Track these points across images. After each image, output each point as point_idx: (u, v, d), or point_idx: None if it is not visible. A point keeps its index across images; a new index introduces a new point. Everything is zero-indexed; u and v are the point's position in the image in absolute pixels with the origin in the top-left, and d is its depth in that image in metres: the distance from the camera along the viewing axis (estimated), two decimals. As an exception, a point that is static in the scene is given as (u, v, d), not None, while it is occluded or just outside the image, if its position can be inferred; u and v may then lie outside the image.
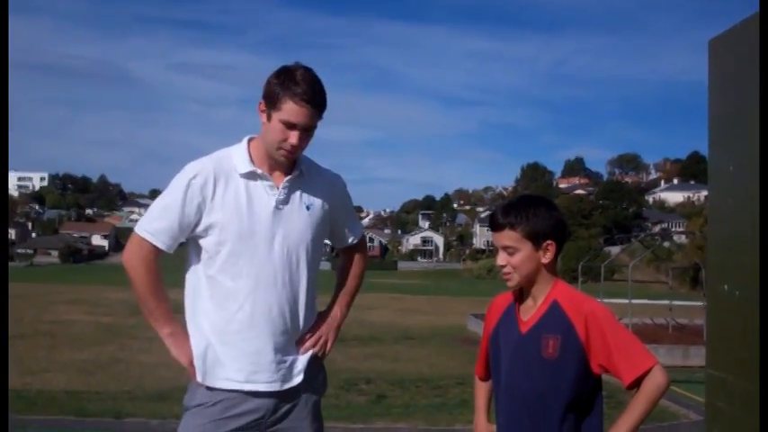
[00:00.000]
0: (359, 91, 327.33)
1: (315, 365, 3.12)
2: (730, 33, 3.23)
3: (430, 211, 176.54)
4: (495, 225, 2.77)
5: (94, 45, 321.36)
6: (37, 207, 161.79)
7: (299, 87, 2.84)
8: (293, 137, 2.87)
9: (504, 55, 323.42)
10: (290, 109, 2.84)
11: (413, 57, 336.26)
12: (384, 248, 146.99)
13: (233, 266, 2.93)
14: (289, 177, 3.01)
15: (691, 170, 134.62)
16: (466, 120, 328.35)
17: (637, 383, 2.60)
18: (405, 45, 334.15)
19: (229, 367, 2.93)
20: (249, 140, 3.06)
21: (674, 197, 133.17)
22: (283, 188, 2.99)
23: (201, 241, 2.95)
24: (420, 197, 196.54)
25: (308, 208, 3.06)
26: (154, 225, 2.93)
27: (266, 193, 2.97)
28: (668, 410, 10.86)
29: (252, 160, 2.98)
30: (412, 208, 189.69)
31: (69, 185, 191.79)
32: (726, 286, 3.25)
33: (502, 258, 2.75)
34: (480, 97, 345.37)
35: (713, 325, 3.53)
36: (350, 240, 3.30)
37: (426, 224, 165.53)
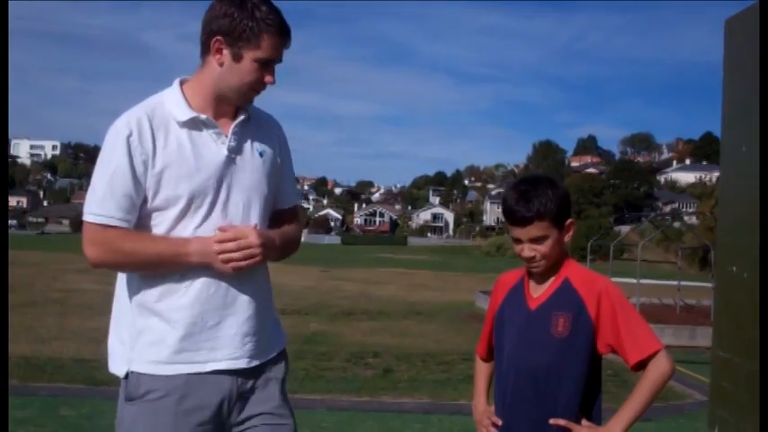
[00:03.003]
0: (372, 65, 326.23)
1: (277, 341, 2.78)
2: (746, 13, 3.20)
3: (441, 188, 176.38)
4: (521, 219, 2.65)
5: (108, 14, 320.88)
6: (49, 176, 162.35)
7: (274, 18, 2.53)
8: (270, 76, 2.58)
9: (519, 31, 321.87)
10: (271, 44, 2.53)
11: (427, 32, 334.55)
12: (394, 224, 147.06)
13: (183, 229, 2.53)
14: (237, 122, 2.63)
15: (703, 151, 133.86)
16: (479, 96, 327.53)
17: (641, 365, 2.61)
18: (419, 20, 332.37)
19: (182, 348, 2.53)
20: (181, 83, 2.64)
21: (686, 177, 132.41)
22: (233, 134, 2.61)
23: (144, 204, 2.54)
24: (431, 173, 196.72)
25: (260, 155, 2.69)
26: (107, 205, 2.47)
27: (213, 141, 2.58)
28: (673, 390, 10.87)
29: (190, 106, 2.58)
30: (423, 184, 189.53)
31: (81, 154, 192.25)
32: (734, 267, 3.25)
33: (530, 250, 2.66)
34: (494, 74, 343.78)
35: (721, 306, 3.53)
36: (290, 203, 2.86)
37: (437, 200, 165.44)
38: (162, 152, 2.51)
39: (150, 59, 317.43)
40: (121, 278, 2.69)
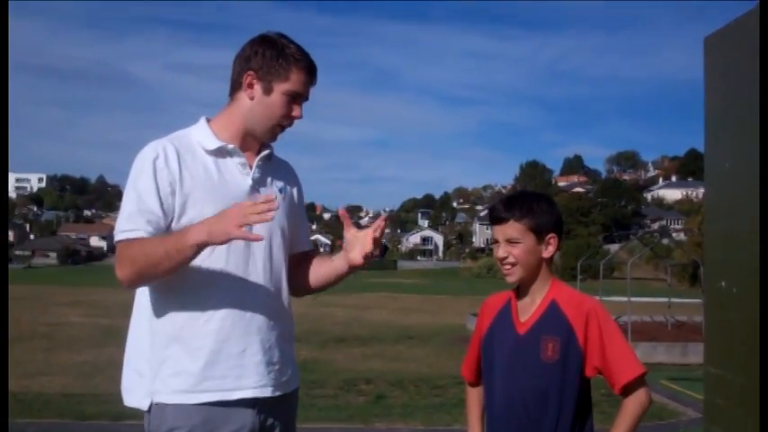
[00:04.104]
0: (359, 90, 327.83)
1: (295, 377, 2.79)
2: (725, 31, 3.22)
3: (429, 210, 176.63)
4: (497, 218, 2.74)
5: (93, 46, 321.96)
6: (35, 208, 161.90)
7: (303, 55, 2.65)
8: (298, 110, 2.66)
9: (503, 53, 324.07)
10: (298, 78, 2.62)
11: (412, 56, 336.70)
12: (384, 247, 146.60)
13: (209, 254, 2.50)
14: (261, 156, 2.71)
15: (689, 167, 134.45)
16: (465, 118, 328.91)
17: (624, 389, 2.62)
18: (404, 44, 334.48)
19: (207, 376, 2.50)
20: (207, 120, 2.73)
21: (673, 194, 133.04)
22: (257, 167, 2.69)
23: (168, 227, 2.54)
24: (419, 196, 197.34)
25: (281, 191, 2.76)
26: (135, 221, 2.48)
27: (239, 171, 2.65)
28: (667, 408, 10.86)
29: (217, 138, 2.65)
30: (411, 207, 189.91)
31: (67, 186, 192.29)
32: (723, 283, 3.24)
33: (503, 250, 2.71)
34: (479, 96, 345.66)
35: (711, 322, 3.52)
36: (306, 245, 2.91)
37: (426, 223, 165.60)
38: (188, 174, 2.56)
39: (137, 90, 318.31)
40: (140, 308, 2.67)
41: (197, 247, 2.39)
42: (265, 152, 2.74)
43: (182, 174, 2.55)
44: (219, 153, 2.64)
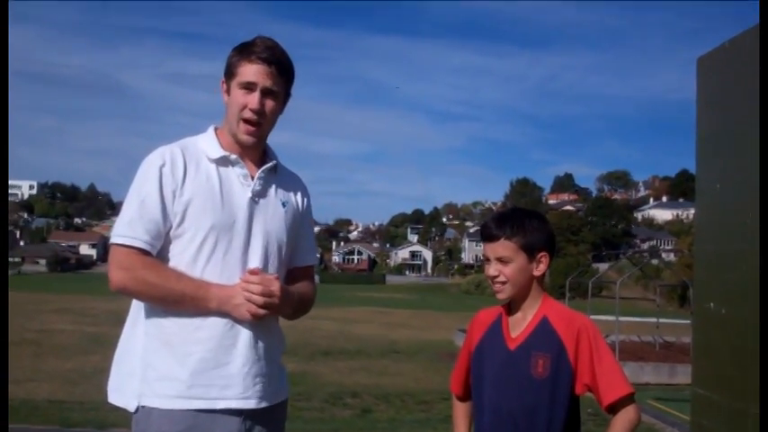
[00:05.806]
0: (349, 104, 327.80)
1: (283, 389, 2.80)
2: (718, 52, 3.24)
3: (419, 225, 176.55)
4: (489, 236, 2.73)
5: (85, 54, 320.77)
6: (25, 215, 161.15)
7: (256, 48, 2.64)
8: (253, 99, 2.62)
9: (494, 70, 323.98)
10: (247, 69, 2.63)
11: (403, 71, 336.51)
12: (372, 262, 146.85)
13: (204, 263, 2.57)
14: (264, 168, 2.73)
15: (680, 188, 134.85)
16: (455, 134, 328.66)
17: (612, 407, 2.62)
18: (395, 59, 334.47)
19: (193, 383, 2.51)
20: (216, 129, 2.78)
21: (663, 215, 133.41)
22: (259, 179, 2.70)
23: (167, 233, 2.59)
24: (409, 211, 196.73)
25: (283, 205, 2.77)
26: (134, 228, 2.53)
27: (240, 182, 2.67)
28: (653, 428, 10.87)
29: (222, 146, 2.69)
30: (401, 221, 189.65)
31: (58, 194, 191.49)
32: (712, 304, 3.25)
33: (494, 269, 2.71)
34: (470, 112, 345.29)
35: (699, 343, 3.52)
36: (308, 260, 2.93)
37: (415, 238, 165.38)
38: (191, 182, 2.60)
39: (129, 99, 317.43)
40: (136, 310, 2.68)
41: (218, 311, 2.55)
42: (269, 164, 2.76)
43: (185, 180, 2.59)
44: (223, 162, 2.68)
